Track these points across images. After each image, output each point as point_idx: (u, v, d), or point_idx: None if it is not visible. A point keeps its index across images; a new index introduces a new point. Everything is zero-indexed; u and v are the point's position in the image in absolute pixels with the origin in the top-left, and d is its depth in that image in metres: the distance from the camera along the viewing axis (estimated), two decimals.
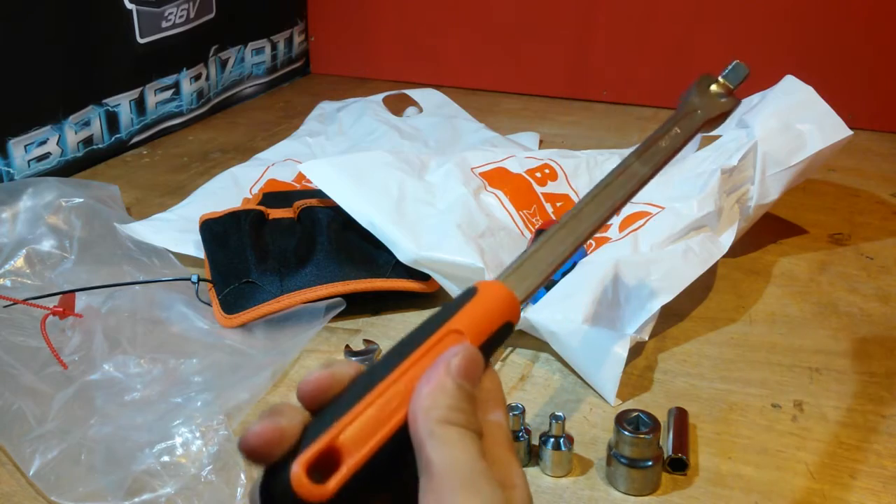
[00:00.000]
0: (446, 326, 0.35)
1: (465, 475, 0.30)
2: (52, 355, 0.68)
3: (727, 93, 0.56)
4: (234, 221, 0.83)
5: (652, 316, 0.69)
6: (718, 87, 0.56)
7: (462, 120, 1.25)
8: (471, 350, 0.34)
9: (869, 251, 0.92)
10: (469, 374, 0.33)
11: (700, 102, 0.55)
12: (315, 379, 0.33)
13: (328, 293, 0.76)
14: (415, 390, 0.33)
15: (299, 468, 0.30)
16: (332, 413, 0.32)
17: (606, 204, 0.46)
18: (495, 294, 0.37)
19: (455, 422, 0.31)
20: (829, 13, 1.30)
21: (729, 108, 0.56)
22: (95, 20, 1.13)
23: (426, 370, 0.33)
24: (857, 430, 0.63)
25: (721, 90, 0.56)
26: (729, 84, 0.56)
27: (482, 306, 0.36)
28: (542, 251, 0.42)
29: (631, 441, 0.57)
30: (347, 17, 1.60)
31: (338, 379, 0.33)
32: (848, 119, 0.86)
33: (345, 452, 0.31)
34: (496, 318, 0.36)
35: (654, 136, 0.51)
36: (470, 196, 0.85)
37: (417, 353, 0.34)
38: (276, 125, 1.35)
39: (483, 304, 0.36)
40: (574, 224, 0.44)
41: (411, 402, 0.32)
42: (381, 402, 0.32)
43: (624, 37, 1.43)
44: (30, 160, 1.07)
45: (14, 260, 0.82)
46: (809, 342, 0.75)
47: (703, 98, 0.55)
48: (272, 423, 0.31)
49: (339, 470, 0.31)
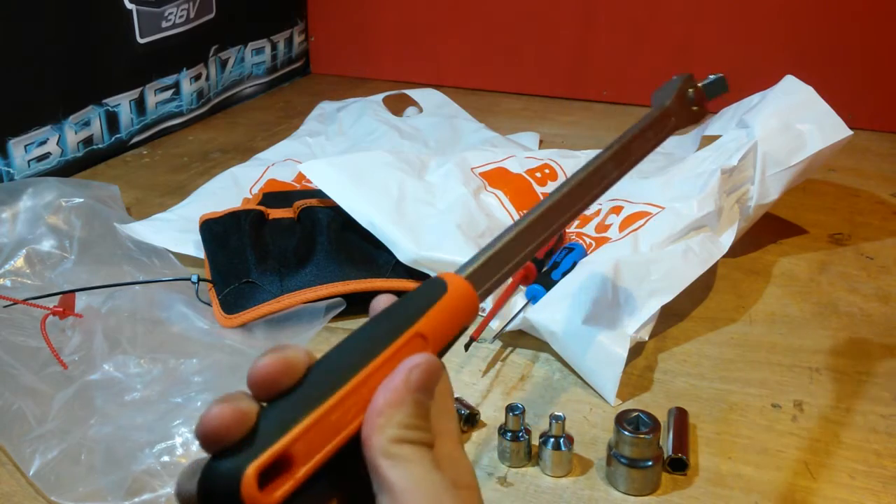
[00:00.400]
0: (413, 329, 0.34)
1: (430, 494, 0.30)
2: (52, 355, 0.68)
3: (699, 102, 0.55)
4: (234, 221, 0.83)
5: (652, 316, 0.69)
6: (694, 92, 0.55)
7: (462, 120, 1.25)
8: (432, 362, 0.33)
9: (869, 251, 0.92)
10: (428, 386, 0.32)
11: (675, 108, 0.53)
12: (266, 365, 0.31)
13: (328, 293, 0.76)
14: (371, 403, 0.32)
15: (252, 473, 0.29)
16: (289, 413, 0.31)
17: (573, 206, 0.45)
18: (462, 295, 0.35)
19: (410, 439, 0.31)
20: (829, 13, 1.30)
21: (699, 119, 0.55)
22: (95, 20, 1.13)
23: (385, 379, 0.32)
24: (857, 430, 0.63)
25: (695, 97, 0.55)
26: (705, 94, 0.55)
27: (449, 310, 0.35)
28: (506, 247, 0.40)
29: (631, 441, 0.57)
30: (347, 17, 1.60)
31: (291, 366, 0.31)
32: (848, 119, 0.86)
33: (296, 461, 0.30)
34: (460, 322, 0.35)
35: (628, 136, 0.50)
36: (470, 196, 0.85)
37: (381, 359, 0.33)
38: (276, 125, 1.35)
39: (450, 307, 0.35)
40: (538, 223, 0.43)
41: (366, 416, 0.31)
42: (341, 410, 0.31)
43: (624, 37, 1.43)
44: (30, 160, 1.07)
45: (14, 260, 0.82)
46: (809, 342, 0.75)
47: (679, 104, 0.54)
48: (233, 405, 0.30)
49: (288, 478, 0.30)
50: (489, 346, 0.74)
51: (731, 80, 0.61)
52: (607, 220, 0.83)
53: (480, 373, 0.71)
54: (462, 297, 0.35)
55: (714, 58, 1.37)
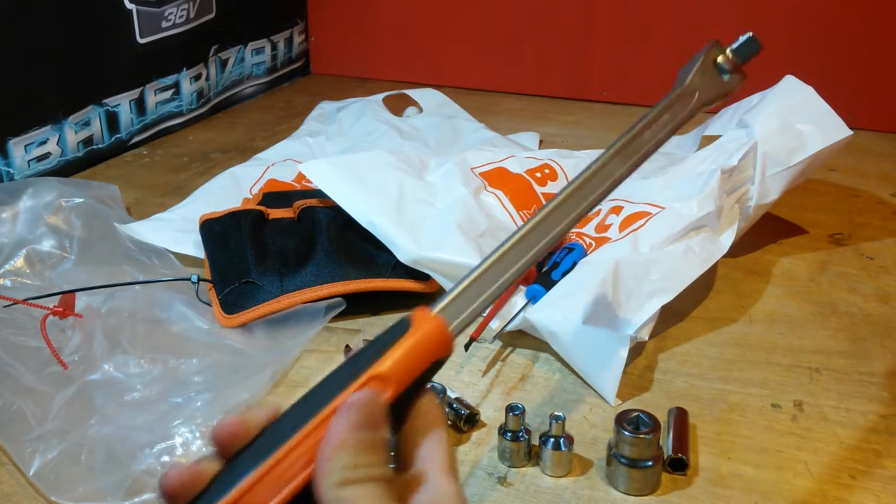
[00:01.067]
0: (368, 372, 0.33)
1: None
2: (52, 355, 0.68)
3: (733, 69, 0.50)
4: (234, 221, 0.83)
5: (652, 316, 0.69)
6: (724, 60, 0.50)
7: (462, 120, 1.25)
8: (368, 397, 0.33)
9: (869, 251, 0.92)
10: (370, 422, 0.32)
11: (700, 82, 0.49)
12: (226, 425, 0.33)
13: (328, 293, 0.76)
14: (318, 450, 0.32)
15: None
16: (238, 470, 0.32)
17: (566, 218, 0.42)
18: (428, 330, 0.35)
19: (357, 478, 0.31)
20: (829, 13, 1.30)
21: (731, 88, 0.50)
22: (95, 20, 1.13)
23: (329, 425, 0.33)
24: (857, 430, 0.63)
25: (727, 64, 0.50)
26: (737, 59, 0.50)
27: (412, 348, 0.34)
28: (487, 275, 0.39)
29: (631, 441, 0.57)
30: (347, 17, 1.60)
31: (251, 424, 0.33)
32: (848, 119, 0.86)
33: None
34: (426, 358, 0.34)
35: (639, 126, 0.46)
36: (470, 196, 0.85)
37: (332, 405, 0.33)
38: (276, 125, 1.35)
39: (413, 344, 0.34)
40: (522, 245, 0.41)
41: (315, 464, 0.32)
42: (289, 461, 0.32)
43: (624, 37, 1.43)
44: (30, 160, 1.07)
45: (14, 260, 0.82)
46: (809, 342, 0.75)
47: (704, 76, 0.49)
48: (191, 467, 0.32)
49: None
50: (489, 346, 0.74)
51: None
52: (607, 220, 0.83)
53: (480, 373, 0.71)
54: (428, 332, 0.35)
55: None
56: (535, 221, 0.42)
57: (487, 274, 0.39)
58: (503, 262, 0.40)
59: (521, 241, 0.41)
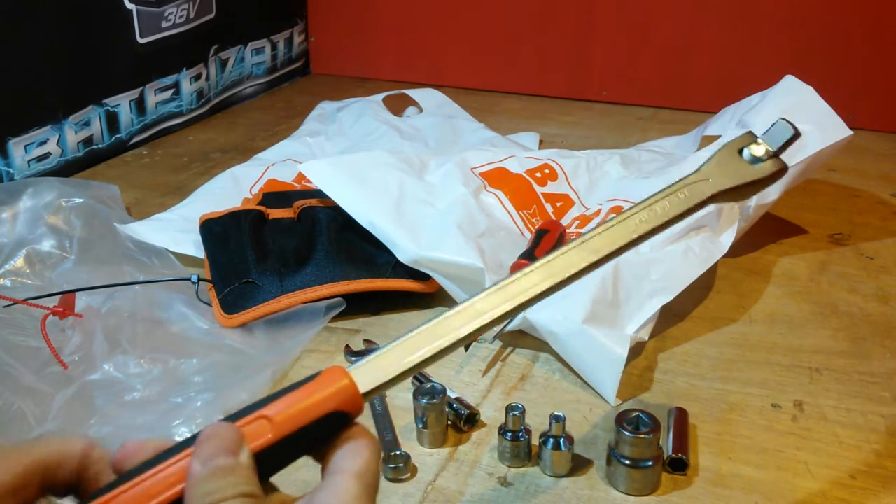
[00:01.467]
0: (259, 412, 0.35)
1: None
2: (52, 355, 0.68)
3: (766, 156, 0.47)
4: (234, 221, 0.83)
5: (652, 316, 0.69)
6: (757, 148, 0.47)
7: (462, 120, 1.25)
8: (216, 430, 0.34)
9: (869, 251, 0.92)
10: (223, 449, 0.33)
11: (713, 169, 0.46)
12: (123, 446, 0.36)
13: (328, 293, 0.76)
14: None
15: None
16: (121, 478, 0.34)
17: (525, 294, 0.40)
18: (330, 383, 0.36)
19: (217, 500, 0.32)
20: (829, 13, 1.30)
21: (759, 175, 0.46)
22: (95, 20, 1.13)
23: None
24: (857, 430, 0.63)
25: (761, 154, 0.47)
26: (768, 147, 0.47)
27: (306, 396, 0.35)
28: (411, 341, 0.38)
29: (631, 441, 0.57)
30: (347, 17, 1.60)
31: (143, 450, 0.35)
32: (848, 119, 0.86)
33: None
34: (319, 407, 0.35)
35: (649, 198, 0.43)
36: (470, 196, 0.85)
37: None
38: (276, 125, 1.35)
39: (308, 393, 0.35)
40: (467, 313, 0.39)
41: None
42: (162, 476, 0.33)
43: (624, 37, 1.43)
44: (30, 160, 1.07)
45: (14, 260, 0.82)
46: (809, 342, 0.75)
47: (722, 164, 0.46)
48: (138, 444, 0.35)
49: None
50: (489, 346, 0.74)
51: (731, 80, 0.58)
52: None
53: (480, 373, 0.71)
54: (329, 385, 0.36)
55: (714, 58, 1.37)
56: (496, 288, 0.40)
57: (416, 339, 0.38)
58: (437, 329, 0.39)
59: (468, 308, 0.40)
